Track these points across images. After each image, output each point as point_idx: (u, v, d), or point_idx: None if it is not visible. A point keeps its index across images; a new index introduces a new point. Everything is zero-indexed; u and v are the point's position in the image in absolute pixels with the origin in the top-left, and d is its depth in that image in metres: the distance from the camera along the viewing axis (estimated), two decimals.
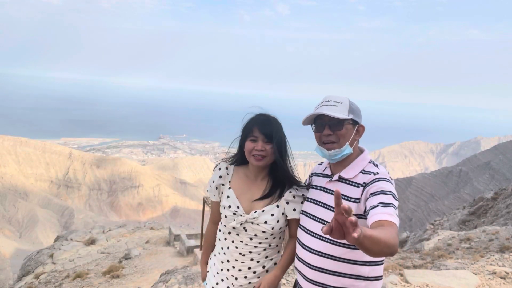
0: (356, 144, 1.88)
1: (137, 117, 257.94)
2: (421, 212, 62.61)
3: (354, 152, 1.86)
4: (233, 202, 2.02)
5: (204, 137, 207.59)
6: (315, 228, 1.86)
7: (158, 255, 14.49)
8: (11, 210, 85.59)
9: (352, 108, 1.82)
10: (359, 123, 1.86)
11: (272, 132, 1.95)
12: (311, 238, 1.87)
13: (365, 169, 1.81)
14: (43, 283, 12.78)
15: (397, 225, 1.49)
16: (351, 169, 1.83)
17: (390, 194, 1.61)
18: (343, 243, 1.76)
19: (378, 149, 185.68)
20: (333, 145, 1.82)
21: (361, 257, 1.73)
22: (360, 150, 1.91)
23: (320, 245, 1.82)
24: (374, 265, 1.76)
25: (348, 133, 1.81)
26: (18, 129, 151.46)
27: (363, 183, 1.75)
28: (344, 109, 1.80)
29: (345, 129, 1.80)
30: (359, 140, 1.91)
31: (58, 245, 17.41)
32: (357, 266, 1.74)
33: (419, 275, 5.80)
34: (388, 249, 1.35)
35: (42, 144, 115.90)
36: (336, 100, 1.83)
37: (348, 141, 1.81)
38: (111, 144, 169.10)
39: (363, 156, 1.87)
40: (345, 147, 1.81)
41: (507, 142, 79.65)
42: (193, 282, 6.31)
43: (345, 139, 1.81)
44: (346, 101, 1.82)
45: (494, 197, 18.51)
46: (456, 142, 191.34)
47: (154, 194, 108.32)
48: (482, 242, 10.69)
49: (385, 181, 1.69)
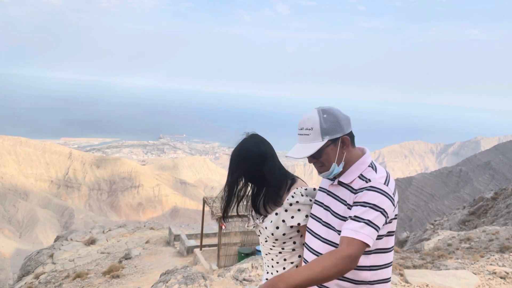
0: (349, 153, 1.83)
1: (137, 117, 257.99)
2: (421, 212, 62.61)
3: (353, 158, 1.83)
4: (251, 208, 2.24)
5: (204, 137, 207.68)
6: (316, 229, 1.88)
7: (158, 255, 14.49)
8: (11, 210, 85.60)
9: (325, 128, 1.75)
10: (340, 137, 1.79)
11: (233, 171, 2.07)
12: (313, 239, 1.88)
13: (363, 173, 1.77)
14: (43, 283, 12.78)
15: (360, 241, 1.53)
16: (350, 174, 1.80)
17: (368, 207, 1.61)
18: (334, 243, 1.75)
19: (378, 149, 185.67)
20: (322, 168, 1.82)
21: (362, 262, 1.69)
22: (361, 152, 1.87)
23: (319, 246, 1.82)
24: (377, 269, 1.73)
25: (330, 156, 1.78)
26: (18, 129, 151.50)
27: (355, 190, 1.74)
28: (316, 135, 1.75)
29: (325, 154, 1.77)
30: (354, 144, 1.86)
31: (58, 245, 17.41)
32: (356, 270, 1.70)
33: (419, 275, 5.80)
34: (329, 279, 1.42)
35: (42, 144, 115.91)
36: (307, 127, 1.77)
37: (334, 161, 1.78)
38: (111, 144, 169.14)
39: (362, 160, 1.82)
40: (332, 168, 1.79)
41: (507, 142, 79.68)
42: (193, 282, 6.31)
43: (330, 161, 1.78)
44: (317, 123, 1.76)
45: (494, 197, 18.51)
46: (456, 142, 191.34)
47: (154, 194, 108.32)
48: (482, 242, 10.69)
49: (373, 191, 1.65)
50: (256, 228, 2.18)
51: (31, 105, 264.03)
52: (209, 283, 6.37)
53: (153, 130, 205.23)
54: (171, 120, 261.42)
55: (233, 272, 7.31)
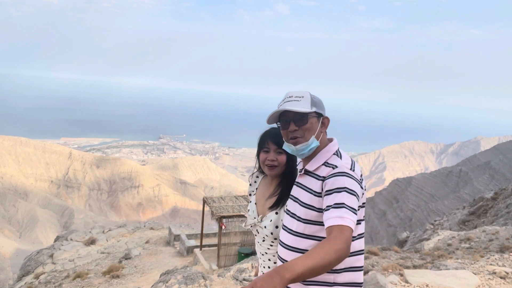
0: (323, 137, 1.89)
1: (137, 117, 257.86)
2: (421, 212, 62.58)
3: (322, 144, 1.87)
4: (252, 207, 2.26)
5: (204, 137, 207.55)
6: (286, 222, 1.91)
7: (158, 255, 14.49)
8: (11, 210, 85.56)
9: (314, 101, 1.83)
10: (323, 115, 1.87)
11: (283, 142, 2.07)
12: (283, 232, 1.92)
13: (328, 161, 1.81)
14: (43, 283, 12.78)
15: (348, 226, 1.52)
16: (315, 161, 1.84)
17: (343, 191, 1.62)
18: (308, 235, 1.77)
19: (378, 149, 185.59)
20: (299, 140, 1.82)
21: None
22: (328, 141, 1.91)
23: (288, 238, 1.84)
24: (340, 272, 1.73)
25: (313, 127, 1.81)
26: (18, 129, 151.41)
27: (323, 176, 1.76)
28: (306, 103, 1.81)
29: (310, 123, 1.81)
30: (326, 132, 1.92)
31: (58, 245, 17.41)
32: None
33: (419, 275, 5.80)
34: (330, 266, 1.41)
35: (42, 144, 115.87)
36: (297, 95, 1.84)
37: (314, 134, 1.82)
38: (111, 144, 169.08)
39: (328, 148, 1.86)
40: (311, 141, 1.81)
41: (507, 142, 79.63)
42: (193, 282, 6.31)
43: (310, 132, 1.81)
44: (307, 95, 1.84)
45: (494, 197, 18.51)
46: (456, 142, 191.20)
47: (154, 194, 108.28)
48: (482, 242, 10.69)
49: (341, 176, 1.68)
50: (254, 228, 2.20)
51: (31, 105, 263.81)
52: (209, 283, 6.37)
53: (153, 130, 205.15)
54: (171, 120, 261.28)
55: (233, 272, 7.31)
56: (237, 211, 12.32)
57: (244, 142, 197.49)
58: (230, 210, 12.42)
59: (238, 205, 12.99)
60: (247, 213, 2.28)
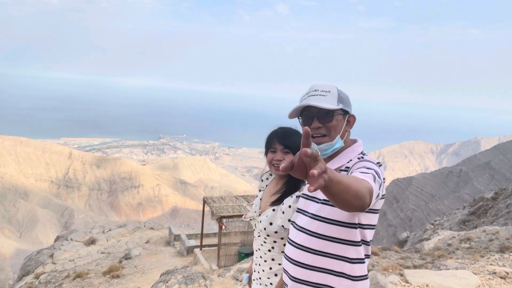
0: (347, 136, 1.74)
1: (137, 117, 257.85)
2: (421, 212, 62.58)
3: (347, 143, 1.74)
4: (256, 201, 2.29)
5: (204, 137, 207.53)
6: (299, 221, 1.77)
7: (158, 255, 14.49)
8: (11, 210, 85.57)
9: (341, 97, 1.69)
10: (349, 113, 1.72)
11: (290, 142, 2.06)
12: (295, 231, 1.78)
13: (352, 159, 1.69)
14: (43, 283, 12.78)
15: (371, 185, 1.37)
16: (338, 160, 1.70)
17: (370, 171, 1.48)
18: (322, 235, 1.62)
19: (378, 149, 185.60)
20: (324, 139, 1.67)
21: (343, 252, 1.59)
22: (351, 142, 1.77)
23: (300, 238, 1.70)
24: (356, 262, 1.61)
25: (338, 125, 1.67)
26: (18, 129, 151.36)
27: (346, 167, 1.65)
28: (332, 98, 1.66)
29: (336, 121, 1.66)
30: (350, 131, 1.78)
31: (58, 245, 17.41)
32: (339, 261, 1.60)
33: (419, 275, 5.80)
34: (358, 200, 1.27)
35: (42, 144, 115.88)
36: (323, 89, 1.68)
37: (339, 134, 1.67)
38: (111, 144, 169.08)
39: (352, 148, 1.72)
40: (336, 140, 1.67)
41: (507, 142, 79.60)
42: (193, 282, 6.31)
43: (336, 131, 1.66)
44: (335, 89, 1.69)
45: (494, 197, 18.51)
46: (456, 142, 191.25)
47: (154, 194, 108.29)
48: (482, 242, 10.69)
49: (370, 162, 1.57)
50: (252, 221, 2.21)
51: (31, 105, 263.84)
52: (209, 283, 6.37)
53: (153, 130, 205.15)
54: (171, 120, 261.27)
55: (233, 272, 7.31)
56: (237, 211, 12.32)
57: (244, 142, 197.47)
58: (230, 210, 12.42)
59: (238, 205, 12.99)
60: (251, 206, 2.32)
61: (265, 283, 2.14)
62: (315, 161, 1.08)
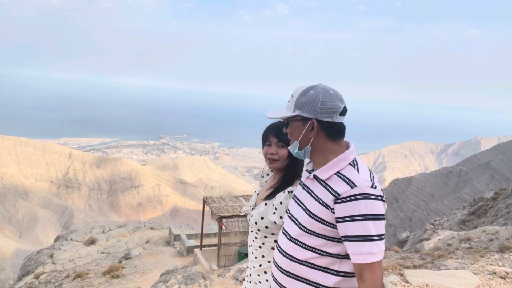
0: (321, 142, 1.63)
1: (137, 117, 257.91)
2: (421, 212, 62.59)
3: (331, 150, 1.63)
4: (253, 196, 2.28)
5: (204, 137, 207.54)
6: (286, 225, 1.74)
7: (158, 255, 14.49)
8: (11, 210, 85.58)
9: (300, 102, 1.60)
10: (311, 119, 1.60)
11: (284, 136, 2.02)
12: (281, 235, 1.76)
13: (342, 171, 1.56)
14: (43, 283, 12.78)
15: (380, 261, 1.42)
16: (326, 170, 1.61)
17: (368, 219, 1.44)
18: (311, 247, 1.60)
19: (378, 149, 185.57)
20: (290, 142, 1.72)
21: (330, 265, 1.58)
22: (344, 148, 1.66)
23: (286, 245, 1.68)
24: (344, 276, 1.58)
25: (294, 132, 1.65)
26: (18, 129, 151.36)
27: (337, 193, 1.52)
28: (291, 105, 1.64)
29: (291, 128, 1.67)
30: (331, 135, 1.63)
31: (58, 245, 17.41)
32: (327, 274, 1.58)
33: (419, 275, 5.80)
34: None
35: (42, 144, 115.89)
36: (292, 94, 1.67)
37: (297, 139, 1.64)
38: (111, 144, 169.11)
39: (343, 156, 1.61)
40: (293, 146, 1.67)
41: (507, 142, 79.64)
42: (193, 282, 6.31)
43: (293, 137, 1.67)
44: (298, 94, 1.62)
45: (494, 197, 18.50)
46: (456, 142, 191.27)
47: (154, 194, 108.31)
48: (482, 242, 10.69)
49: (362, 199, 1.46)
50: (248, 215, 2.19)
51: (31, 105, 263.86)
52: (209, 283, 6.37)
53: (153, 130, 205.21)
54: (171, 120, 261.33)
55: (233, 272, 7.31)
56: (237, 211, 12.32)
57: (244, 142, 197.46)
58: (230, 210, 12.42)
59: (238, 205, 12.98)
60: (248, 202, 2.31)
61: (254, 280, 2.09)
62: None
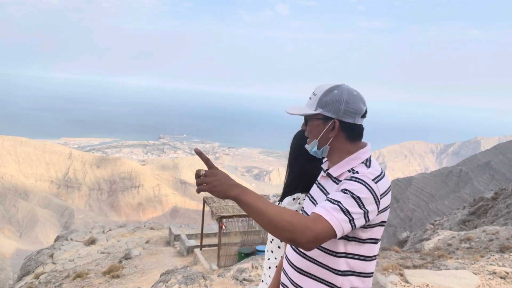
0: (340, 142, 1.64)
1: (137, 117, 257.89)
2: (421, 212, 62.59)
3: (342, 150, 1.65)
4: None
5: (204, 137, 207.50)
6: None
7: (158, 255, 14.49)
8: (11, 210, 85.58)
9: (323, 102, 1.60)
10: (333, 119, 1.60)
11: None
12: None
13: (354, 168, 1.59)
14: (43, 283, 12.78)
15: (328, 222, 1.37)
16: (340, 167, 1.64)
17: (348, 194, 1.45)
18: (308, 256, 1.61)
19: (378, 149, 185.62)
20: (308, 140, 1.71)
21: (335, 264, 1.57)
22: (359, 146, 1.67)
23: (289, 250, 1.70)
24: (350, 275, 1.58)
25: (314, 130, 1.65)
26: (18, 129, 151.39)
27: (340, 181, 1.61)
28: (313, 102, 1.63)
29: (310, 126, 1.66)
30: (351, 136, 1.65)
31: (58, 245, 17.41)
32: (332, 274, 1.58)
33: (419, 275, 5.80)
34: (281, 230, 1.32)
35: (42, 144, 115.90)
36: (315, 91, 1.66)
37: (316, 138, 1.65)
38: (111, 144, 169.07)
39: (356, 155, 1.62)
40: (312, 145, 1.67)
41: (507, 142, 79.61)
42: (193, 282, 6.31)
43: (312, 135, 1.66)
44: (321, 92, 1.62)
45: (494, 197, 18.51)
46: (456, 142, 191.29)
47: (154, 194, 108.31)
48: (482, 242, 10.69)
49: (357, 181, 1.48)
50: None
51: (31, 105, 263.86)
52: (209, 283, 6.37)
53: (153, 130, 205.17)
54: (171, 120, 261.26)
55: (233, 272, 7.31)
56: (237, 211, 12.32)
57: (244, 142, 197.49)
58: (230, 210, 12.42)
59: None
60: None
61: (263, 273, 2.24)
62: (197, 177, 1.41)
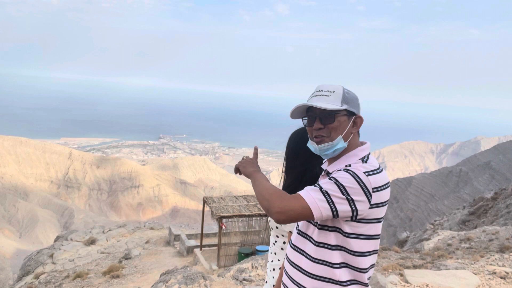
0: (353, 138, 1.67)
1: (137, 117, 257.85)
2: (421, 212, 62.59)
3: (351, 146, 1.67)
4: None
5: (204, 137, 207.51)
6: (300, 223, 1.78)
7: (158, 255, 14.49)
8: (11, 210, 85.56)
9: (347, 98, 1.63)
10: (356, 114, 1.65)
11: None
12: (294, 230, 1.81)
13: (351, 164, 1.61)
14: (43, 283, 12.77)
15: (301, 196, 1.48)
16: (337, 164, 1.65)
17: (332, 180, 1.50)
18: (314, 240, 1.63)
19: (378, 149, 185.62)
20: (324, 139, 1.63)
21: (330, 258, 1.59)
22: (359, 144, 1.70)
23: (297, 240, 1.72)
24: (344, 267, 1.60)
25: (341, 126, 1.61)
26: (18, 129, 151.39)
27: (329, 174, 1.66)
28: (336, 99, 1.61)
29: (337, 122, 1.61)
30: (359, 132, 1.71)
31: (58, 245, 17.40)
32: (327, 267, 1.60)
33: (419, 275, 5.80)
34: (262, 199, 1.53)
35: (42, 144, 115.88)
36: (328, 89, 1.64)
37: (341, 134, 1.62)
38: (111, 144, 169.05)
39: (354, 152, 1.65)
40: (337, 141, 1.62)
41: (507, 142, 79.58)
42: (193, 282, 6.31)
43: (337, 132, 1.62)
44: (340, 89, 1.63)
45: (494, 197, 18.51)
46: (456, 142, 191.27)
47: (154, 194, 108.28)
48: (482, 242, 10.69)
49: (345, 172, 1.52)
50: None
51: (31, 105, 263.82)
52: (209, 283, 6.37)
53: (153, 130, 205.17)
54: (171, 120, 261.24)
55: (233, 272, 7.31)
56: (237, 211, 12.32)
57: (244, 142, 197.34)
58: (230, 210, 12.42)
59: (238, 205, 12.98)
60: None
61: (267, 274, 2.21)
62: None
